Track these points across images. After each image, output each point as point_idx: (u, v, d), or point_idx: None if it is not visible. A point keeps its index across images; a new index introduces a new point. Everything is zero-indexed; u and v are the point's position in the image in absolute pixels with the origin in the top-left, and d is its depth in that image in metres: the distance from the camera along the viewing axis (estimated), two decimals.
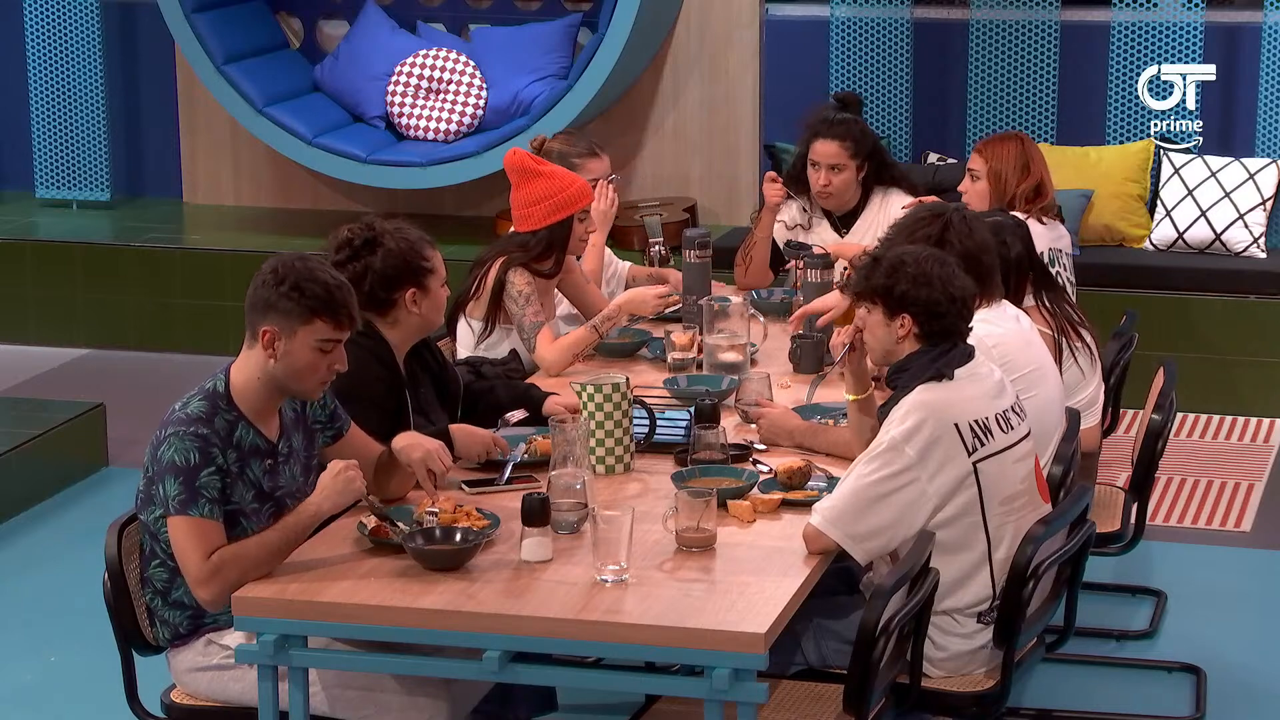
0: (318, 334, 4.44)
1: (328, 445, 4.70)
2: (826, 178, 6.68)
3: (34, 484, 7.43)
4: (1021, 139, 6.64)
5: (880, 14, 9.19)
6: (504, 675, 4.19)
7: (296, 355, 4.44)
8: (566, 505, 4.54)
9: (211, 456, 4.38)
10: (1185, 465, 7.75)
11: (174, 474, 4.36)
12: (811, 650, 4.71)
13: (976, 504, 4.53)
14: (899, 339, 4.63)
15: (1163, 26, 8.89)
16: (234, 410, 4.46)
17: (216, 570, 4.34)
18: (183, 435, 4.38)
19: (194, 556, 4.35)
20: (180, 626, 4.55)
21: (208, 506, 4.36)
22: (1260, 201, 8.57)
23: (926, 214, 5.21)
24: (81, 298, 9.47)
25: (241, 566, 4.34)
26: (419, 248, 5.06)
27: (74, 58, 9.92)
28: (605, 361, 5.97)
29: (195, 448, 4.37)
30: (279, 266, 4.46)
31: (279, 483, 4.54)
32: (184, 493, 4.35)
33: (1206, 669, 5.89)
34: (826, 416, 5.28)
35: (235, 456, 4.43)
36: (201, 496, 4.36)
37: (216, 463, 4.39)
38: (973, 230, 5.13)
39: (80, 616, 6.21)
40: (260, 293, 4.45)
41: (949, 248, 5.02)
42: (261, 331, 4.44)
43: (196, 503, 4.35)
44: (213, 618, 4.52)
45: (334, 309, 4.45)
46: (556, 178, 5.99)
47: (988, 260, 5.16)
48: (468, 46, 9.66)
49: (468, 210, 9.84)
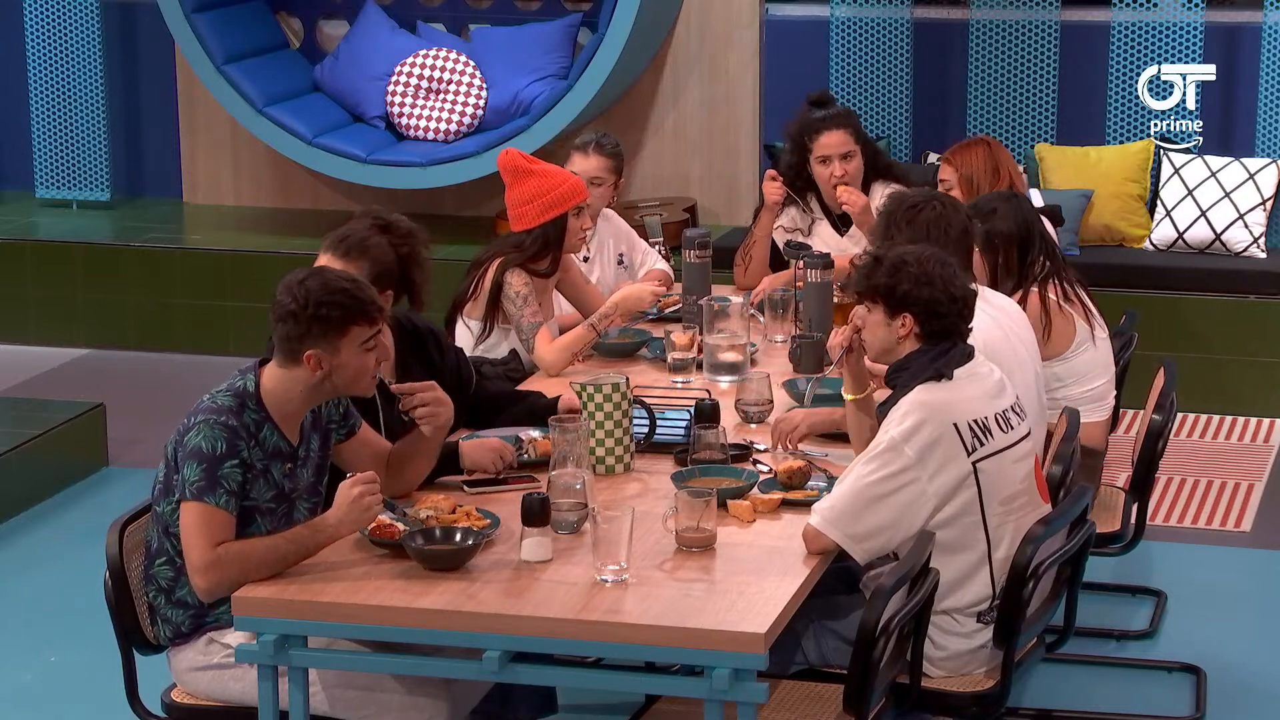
0: (358, 339, 4.49)
1: (341, 442, 4.72)
2: (841, 168, 6.67)
3: (34, 484, 7.43)
4: (988, 142, 6.54)
5: (880, 14, 9.20)
6: (504, 675, 4.19)
7: (347, 364, 4.49)
8: (566, 505, 4.54)
9: (237, 449, 4.41)
10: (1185, 465, 7.75)
11: (198, 460, 4.38)
12: (811, 650, 4.71)
13: (976, 504, 4.53)
14: (899, 338, 4.63)
15: (1163, 26, 8.89)
16: (262, 411, 4.49)
17: (218, 561, 4.35)
18: (212, 424, 4.41)
19: (199, 543, 4.36)
20: (182, 625, 4.55)
21: (224, 497, 4.38)
22: (1260, 201, 8.57)
23: (894, 197, 5.27)
24: (81, 298, 9.47)
25: (244, 566, 4.35)
26: None
27: (74, 58, 9.92)
28: (605, 361, 5.97)
29: (223, 437, 4.40)
30: (295, 293, 4.47)
31: (297, 485, 4.56)
32: (204, 479, 4.37)
33: (1206, 669, 5.89)
34: None
35: (260, 455, 4.46)
36: (220, 487, 4.38)
37: (241, 455, 4.41)
38: (917, 216, 5.14)
39: (80, 616, 6.21)
40: (288, 323, 4.46)
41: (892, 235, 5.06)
42: (306, 358, 4.46)
43: (214, 491, 4.38)
44: (214, 616, 4.53)
45: (363, 310, 4.49)
46: (548, 176, 5.99)
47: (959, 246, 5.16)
48: (468, 46, 9.66)
49: (468, 210, 9.84)
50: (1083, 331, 5.74)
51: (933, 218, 5.14)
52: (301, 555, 4.40)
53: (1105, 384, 5.82)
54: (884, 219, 5.23)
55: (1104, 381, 5.81)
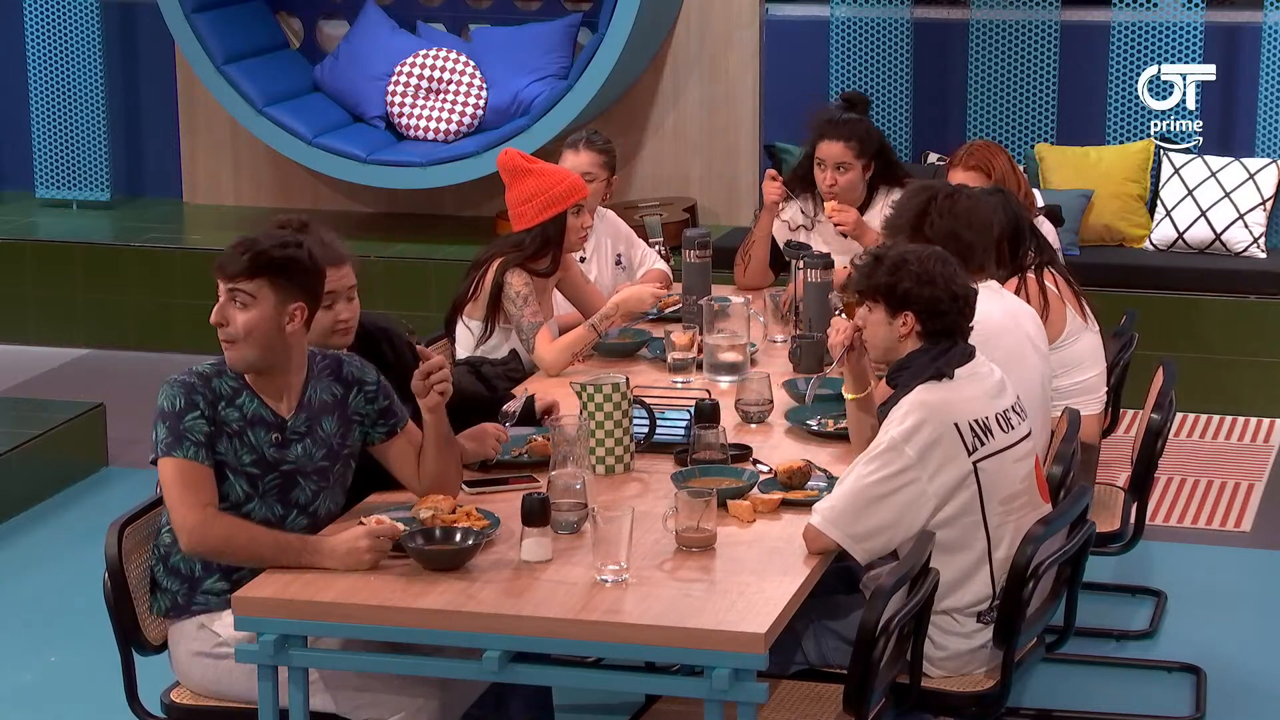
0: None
1: (380, 442, 4.73)
2: (832, 177, 6.67)
3: (34, 484, 7.43)
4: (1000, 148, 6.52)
5: (880, 14, 9.20)
6: (504, 675, 4.19)
7: None
8: (566, 505, 4.54)
9: (195, 402, 4.48)
10: (1185, 465, 7.75)
11: (161, 419, 4.48)
12: (811, 650, 4.71)
13: (976, 503, 4.53)
14: (900, 337, 4.63)
15: (1163, 26, 8.89)
16: (240, 380, 4.55)
17: (204, 523, 4.39)
18: (172, 383, 4.52)
19: (181, 499, 4.42)
20: (178, 597, 4.57)
21: (193, 449, 4.44)
22: (1260, 201, 8.57)
23: (915, 187, 5.28)
24: (81, 298, 9.47)
25: (229, 541, 4.39)
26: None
27: (74, 58, 9.92)
28: (605, 361, 5.97)
29: (180, 394, 4.49)
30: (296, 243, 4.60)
31: (287, 457, 4.56)
32: (169, 435, 4.45)
33: (1206, 669, 5.89)
34: (826, 417, 5.28)
35: (236, 416, 4.50)
36: (186, 439, 4.44)
37: (200, 409, 4.47)
38: (955, 205, 5.15)
39: (80, 616, 6.21)
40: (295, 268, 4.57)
41: (930, 222, 5.07)
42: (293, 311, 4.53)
43: (181, 444, 4.44)
44: (202, 595, 4.53)
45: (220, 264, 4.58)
46: (547, 175, 5.99)
47: (967, 237, 5.17)
48: (468, 46, 9.66)
49: (468, 210, 9.84)
50: (1074, 322, 5.75)
51: (970, 205, 5.16)
52: (283, 563, 4.39)
53: (1096, 376, 5.82)
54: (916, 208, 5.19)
55: (1095, 374, 5.81)
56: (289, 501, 4.58)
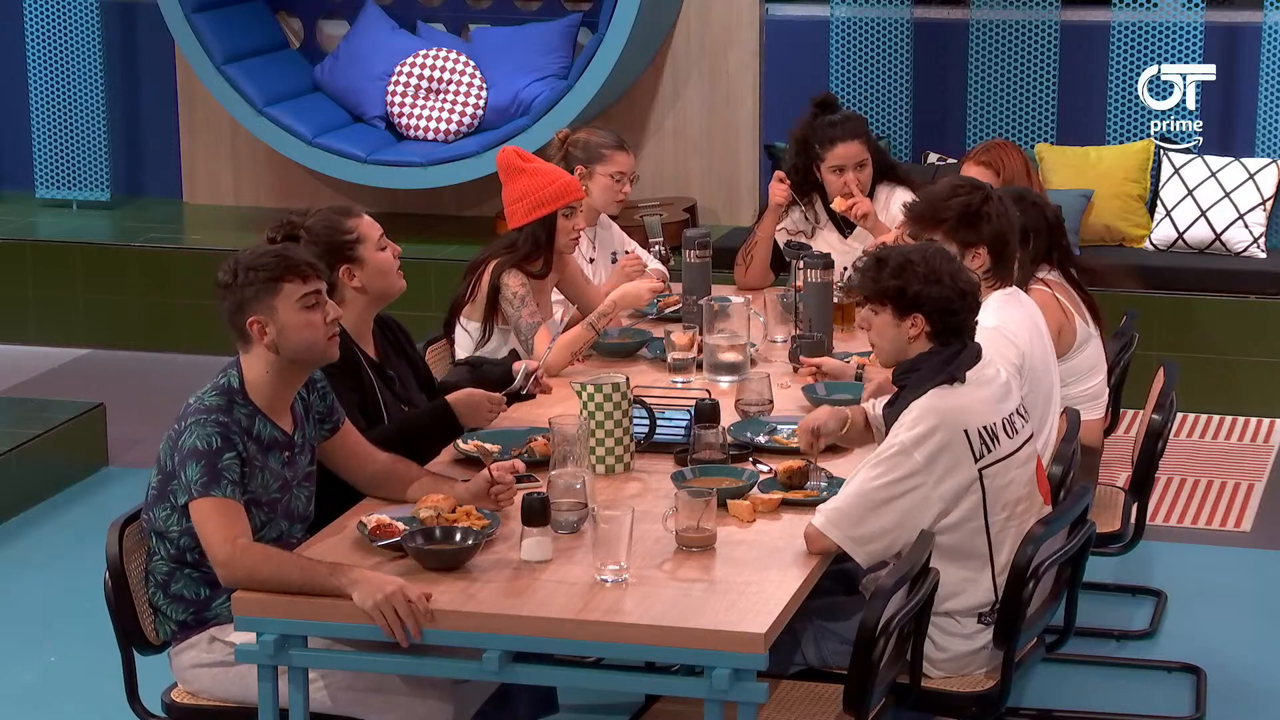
0: (293, 296, 4.50)
1: (325, 440, 4.71)
2: (855, 177, 6.63)
3: (34, 484, 7.43)
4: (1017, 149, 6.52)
5: (880, 14, 9.20)
6: (504, 675, 4.19)
7: (288, 325, 4.49)
8: (566, 505, 4.54)
9: (232, 442, 4.43)
10: (1185, 465, 7.75)
11: (196, 458, 4.39)
12: (811, 650, 4.71)
13: (980, 510, 4.52)
14: (910, 339, 4.59)
15: (1163, 26, 8.89)
16: (249, 404, 4.51)
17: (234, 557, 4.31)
18: (204, 423, 4.42)
19: (218, 535, 4.36)
20: (185, 620, 4.55)
21: (230, 488, 4.40)
22: (1260, 201, 8.57)
23: (967, 184, 5.20)
24: (81, 298, 9.47)
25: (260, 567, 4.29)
26: (336, 223, 5.03)
27: (74, 58, 9.92)
28: (605, 361, 5.97)
29: (216, 433, 4.41)
30: (224, 270, 4.56)
31: (294, 472, 4.57)
32: (206, 475, 4.39)
33: (1206, 669, 5.89)
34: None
35: (256, 449, 4.48)
36: (224, 478, 4.39)
37: (236, 449, 4.43)
38: (1007, 211, 5.18)
39: (80, 616, 6.21)
40: (226, 300, 4.54)
41: (985, 222, 5.05)
42: (249, 325, 4.49)
43: (219, 484, 4.39)
44: (214, 611, 4.53)
45: (293, 266, 4.51)
46: (540, 174, 5.97)
47: (1014, 244, 5.20)
48: (468, 46, 9.66)
49: (468, 210, 9.84)
50: (1083, 331, 5.75)
51: (1001, 209, 5.16)
52: (308, 590, 4.26)
53: (1100, 383, 5.83)
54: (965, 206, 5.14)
55: (1099, 380, 5.83)
56: (292, 515, 4.58)
